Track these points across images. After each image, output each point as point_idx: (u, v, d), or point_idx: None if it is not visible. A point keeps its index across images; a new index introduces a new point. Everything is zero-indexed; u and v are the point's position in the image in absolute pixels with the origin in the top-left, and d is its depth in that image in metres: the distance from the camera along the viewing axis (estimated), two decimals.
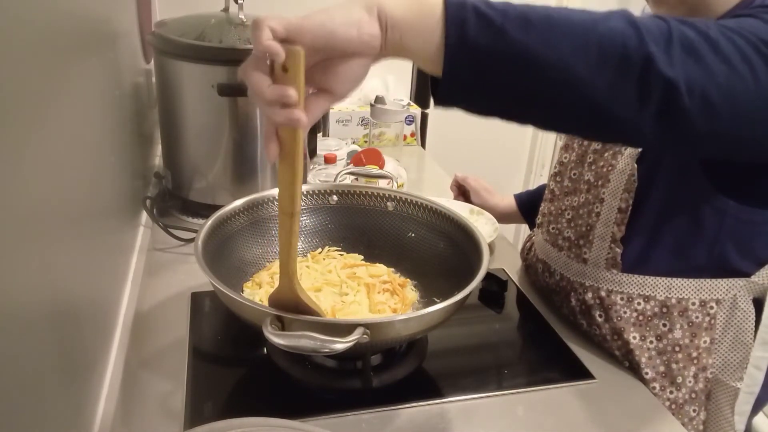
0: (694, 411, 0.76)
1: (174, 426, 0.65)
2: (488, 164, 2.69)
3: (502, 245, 1.13)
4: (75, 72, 0.60)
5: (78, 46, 0.62)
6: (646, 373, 0.76)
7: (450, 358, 0.80)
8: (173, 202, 1.10)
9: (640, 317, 0.75)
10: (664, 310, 0.75)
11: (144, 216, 1.02)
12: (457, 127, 2.59)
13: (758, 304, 0.73)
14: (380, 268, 0.87)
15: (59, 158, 0.52)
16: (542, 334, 0.86)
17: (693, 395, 0.76)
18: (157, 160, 1.27)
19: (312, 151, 1.16)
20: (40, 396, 0.44)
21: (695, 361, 0.75)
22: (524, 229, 2.83)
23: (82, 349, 0.57)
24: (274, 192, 0.87)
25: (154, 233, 1.02)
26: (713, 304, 0.73)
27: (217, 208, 0.81)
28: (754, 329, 0.73)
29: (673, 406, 0.76)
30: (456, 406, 0.71)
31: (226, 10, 1.05)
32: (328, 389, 0.73)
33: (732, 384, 0.74)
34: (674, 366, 0.75)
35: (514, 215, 1.15)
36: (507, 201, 1.16)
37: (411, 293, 0.82)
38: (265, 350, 0.77)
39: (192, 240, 0.83)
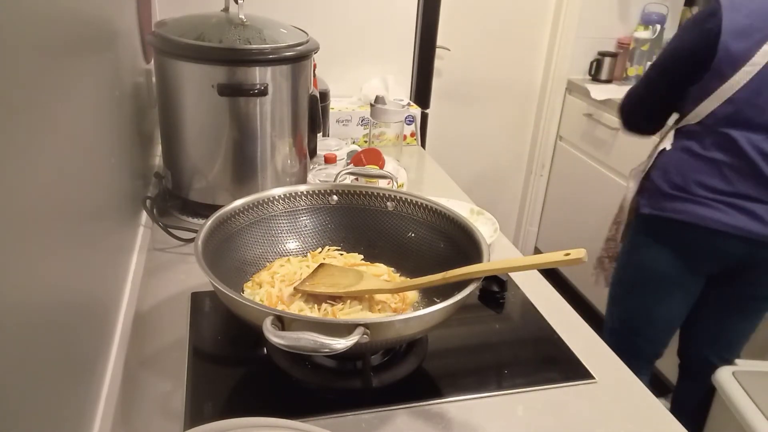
0: None
1: (174, 426, 0.65)
2: (488, 164, 2.70)
3: (502, 245, 1.13)
4: (75, 72, 0.60)
5: (78, 46, 0.62)
6: None
7: (450, 358, 0.80)
8: (173, 202, 1.10)
9: None
10: None
11: (144, 216, 1.02)
12: (457, 127, 2.59)
13: None
14: (380, 268, 0.87)
15: (59, 158, 0.52)
16: (542, 334, 0.86)
17: None
18: (157, 160, 1.27)
19: (312, 151, 1.16)
20: (40, 396, 0.44)
21: None
22: (524, 229, 2.83)
23: (82, 349, 0.57)
24: (274, 192, 0.88)
25: (154, 233, 1.02)
26: None
27: (217, 208, 0.81)
28: None
29: None
30: (456, 406, 0.71)
31: (226, 10, 1.05)
32: (328, 389, 0.73)
33: None
34: None
35: None
36: None
37: (411, 293, 0.82)
38: (265, 350, 0.77)
39: (192, 240, 0.83)
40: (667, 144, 1.29)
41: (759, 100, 1.15)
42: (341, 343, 0.56)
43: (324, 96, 1.48)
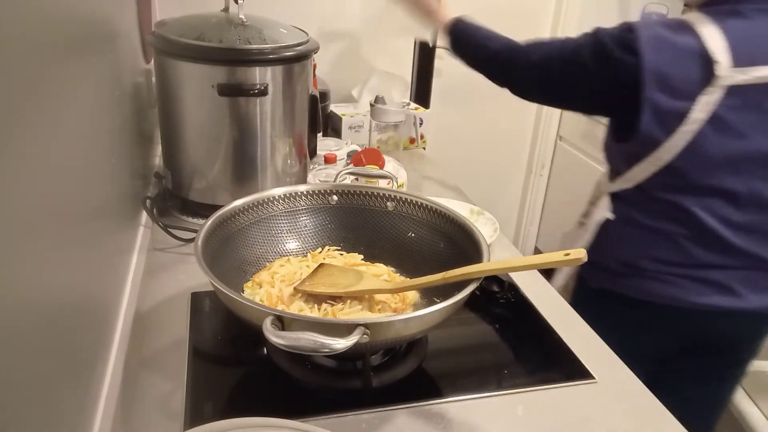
0: None
1: (174, 426, 0.65)
2: (488, 164, 2.69)
3: (502, 245, 1.13)
4: (75, 72, 0.60)
5: (78, 46, 0.62)
6: None
7: (450, 358, 0.80)
8: (173, 202, 1.10)
9: None
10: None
11: (144, 216, 1.02)
12: (457, 127, 2.59)
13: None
14: (380, 268, 0.87)
15: (59, 158, 0.52)
16: (542, 334, 0.86)
17: None
18: (157, 160, 1.27)
19: (312, 151, 1.16)
20: (41, 396, 0.44)
21: None
22: (524, 229, 2.83)
23: (82, 349, 0.57)
24: (274, 192, 0.88)
25: (154, 233, 1.02)
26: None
27: (217, 208, 0.81)
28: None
29: None
30: (456, 406, 0.71)
31: (226, 10, 1.05)
32: (328, 389, 0.73)
33: None
34: None
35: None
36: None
37: (411, 293, 0.82)
38: (265, 350, 0.77)
39: (192, 240, 0.83)
40: (605, 212, 1.06)
41: (706, 161, 0.92)
42: (341, 343, 0.56)
43: (324, 96, 1.48)
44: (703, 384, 1.13)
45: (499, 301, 0.93)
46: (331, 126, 1.58)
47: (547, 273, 1.01)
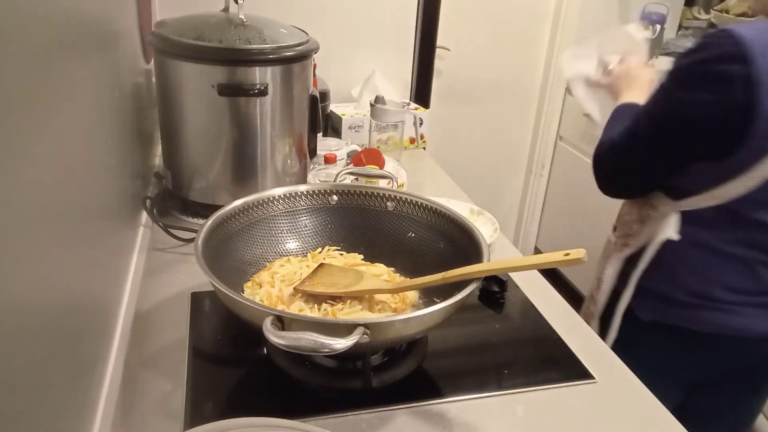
0: None
1: (174, 426, 0.65)
2: (488, 164, 2.70)
3: (502, 245, 1.13)
4: (75, 72, 0.60)
5: (78, 46, 0.62)
6: None
7: (450, 358, 0.80)
8: (173, 202, 1.10)
9: None
10: None
11: (144, 216, 1.02)
12: (457, 127, 2.59)
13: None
14: (380, 268, 0.87)
15: (59, 158, 0.52)
16: (542, 334, 0.86)
17: None
18: (157, 160, 1.27)
19: (312, 151, 1.16)
20: (41, 396, 0.44)
21: None
22: (524, 229, 2.83)
23: (82, 349, 0.57)
24: (274, 192, 0.88)
25: (154, 233, 1.02)
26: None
27: (217, 208, 0.81)
28: None
29: None
30: (456, 406, 0.71)
31: (226, 10, 1.05)
32: (328, 389, 0.73)
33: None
34: None
35: None
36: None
37: (411, 293, 0.82)
38: (265, 350, 0.77)
39: (192, 240, 0.83)
40: (671, 232, 0.94)
41: None
42: (341, 343, 0.56)
43: (324, 96, 1.48)
44: (740, 398, 1.09)
45: (499, 301, 0.93)
46: (331, 126, 1.58)
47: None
